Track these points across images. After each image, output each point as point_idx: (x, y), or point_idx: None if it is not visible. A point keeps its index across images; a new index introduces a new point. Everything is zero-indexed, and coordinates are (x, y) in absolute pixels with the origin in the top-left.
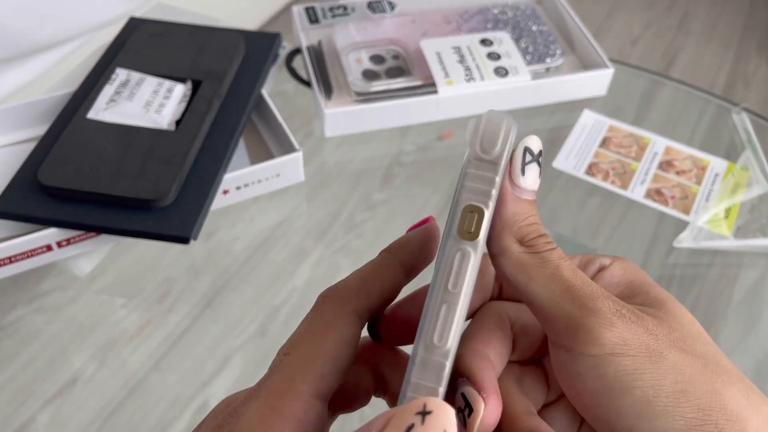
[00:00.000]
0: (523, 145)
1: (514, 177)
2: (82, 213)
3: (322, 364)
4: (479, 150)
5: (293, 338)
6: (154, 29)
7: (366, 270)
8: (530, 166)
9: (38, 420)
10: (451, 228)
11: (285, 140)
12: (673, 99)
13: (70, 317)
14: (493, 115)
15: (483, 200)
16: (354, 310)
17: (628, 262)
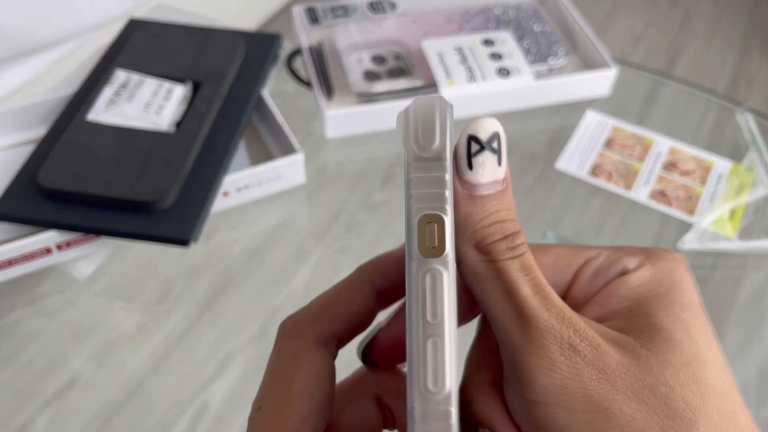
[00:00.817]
0: (465, 134)
1: (460, 173)
2: (81, 215)
3: (299, 407)
4: (417, 148)
5: (263, 386)
6: (154, 30)
7: (331, 292)
8: (480, 156)
9: (37, 422)
10: (411, 247)
11: (285, 141)
12: (676, 99)
13: (69, 319)
14: (421, 102)
15: (438, 206)
16: (317, 338)
17: (667, 264)
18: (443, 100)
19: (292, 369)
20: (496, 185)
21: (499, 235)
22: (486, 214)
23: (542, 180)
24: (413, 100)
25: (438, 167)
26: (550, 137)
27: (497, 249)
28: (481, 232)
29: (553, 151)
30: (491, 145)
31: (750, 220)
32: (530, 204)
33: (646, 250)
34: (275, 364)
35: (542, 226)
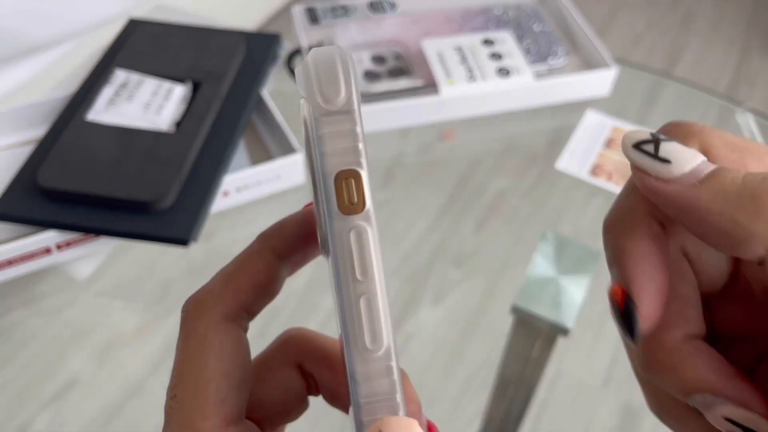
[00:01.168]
0: (628, 146)
1: (659, 176)
2: (81, 215)
3: (216, 389)
4: (322, 101)
5: (175, 372)
6: (154, 30)
7: (232, 265)
8: (664, 147)
9: (36, 423)
10: (329, 206)
11: (285, 141)
12: (676, 99)
13: (69, 319)
14: (319, 53)
15: (354, 160)
16: (225, 315)
17: None
18: (342, 50)
19: (202, 350)
20: (706, 165)
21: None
22: (737, 182)
23: (542, 180)
24: (310, 51)
25: (348, 120)
26: (550, 137)
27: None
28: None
29: (553, 151)
30: (661, 138)
31: None
32: (530, 204)
33: None
34: (184, 347)
35: (542, 226)
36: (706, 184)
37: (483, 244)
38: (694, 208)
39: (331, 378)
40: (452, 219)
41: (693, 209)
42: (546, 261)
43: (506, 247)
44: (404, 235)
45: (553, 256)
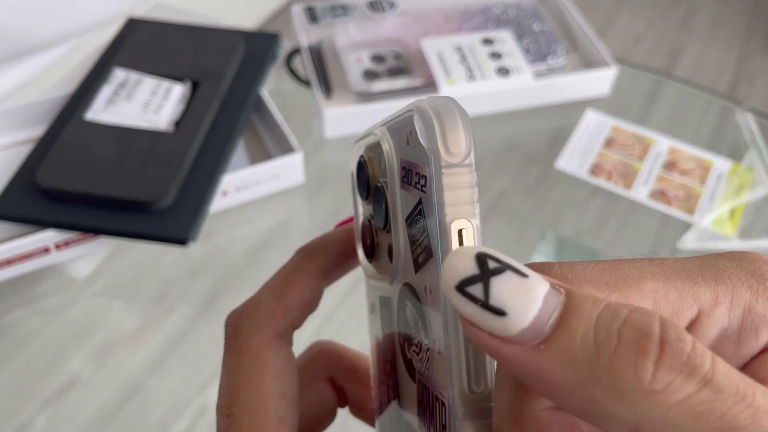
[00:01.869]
0: (449, 288)
1: (491, 330)
2: (80, 215)
3: (275, 409)
4: (445, 153)
5: (227, 391)
6: (153, 29)
7: (280, 281)
8: (494, 290)
9: (36, 422)
10: (443, 254)
11: (284, 141)
12: (676, 99)
13: (68, 319)
14: (438, 103)
15: (470, 212)
16: (275, 333)
17: None
18: (458, 102)
19: (258, 368)
20: (552, 302)
21: (648, 353)
22: (587, 345)
23: (542, 180)
24: (425, 100)
25: (468, 172)
26: (550, 137)
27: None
28: (616, 375)
29: (552, 150)
30: (489, 269)
31: (750, 220)
32: (530, 204)
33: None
34: (236, 364)
35: (542, 225)
36: (552, 346)
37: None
38: (539, 379)
39: (360, 392)
40: None
41: (538, 379)
42: (546, 260)
43: (506, 246)
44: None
45: (553, 256)
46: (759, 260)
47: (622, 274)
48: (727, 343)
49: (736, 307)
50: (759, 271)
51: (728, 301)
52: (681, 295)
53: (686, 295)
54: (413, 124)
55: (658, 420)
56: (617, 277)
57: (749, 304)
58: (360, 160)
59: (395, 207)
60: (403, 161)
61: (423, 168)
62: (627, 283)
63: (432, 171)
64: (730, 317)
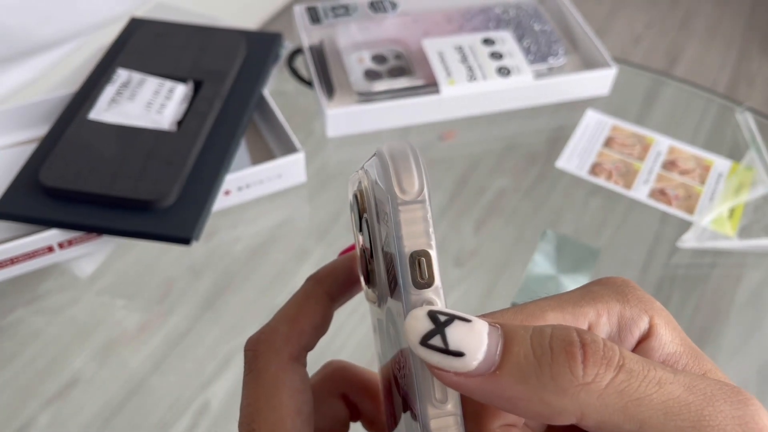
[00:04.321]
0: (414, 342)
1: (453, 369)
2: (83, 214)
3: (292, 425)
4: (400, 192)
5: (249, 410)
6: (156, 29)
7: (294, 309)
8: (450, 337)
9: (38, 420)
10: (405, 282)
11: (286, 140)
12: (676, 98)
13: (71, 318)
14: (395, 148)
15: (426, 243)
16: (291, 356)
17: (661, 309)
18: (412, 144)
19: (276, 389)
20: (494, 337)
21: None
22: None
23: (542, 179)
24: (384, 146)
25: (421, 208)
26: (550, 136)
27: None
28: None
29: (553, 150)
30: (441, 322)
31: (749, 219)
32: (530, 203)
33: (631, 295)
34: (256, 385)
35: (542, 225)
36: (504, 369)
37: (483, 242)
38: (501, 397)
39: (372, 407)
40: (452, 218)
41: (501, 398)
42: (546, 259)
43: (506, 245)
44: None
45: (553, 255)
46: (618, 281)
47: (529, 311)
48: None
49: (612, 316)
50: (620, 289)
51: (606, 314)
52: (574, 318)
53: (578, 316)
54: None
55: (595, 403)
56: (525, 315)
57: (621, 313)
58: (354, 193)
59: (375, 239)
60: (377, 199)
61: (386, 206)
62: (534, 317)
63: (389, 208)
64: (610, 325)
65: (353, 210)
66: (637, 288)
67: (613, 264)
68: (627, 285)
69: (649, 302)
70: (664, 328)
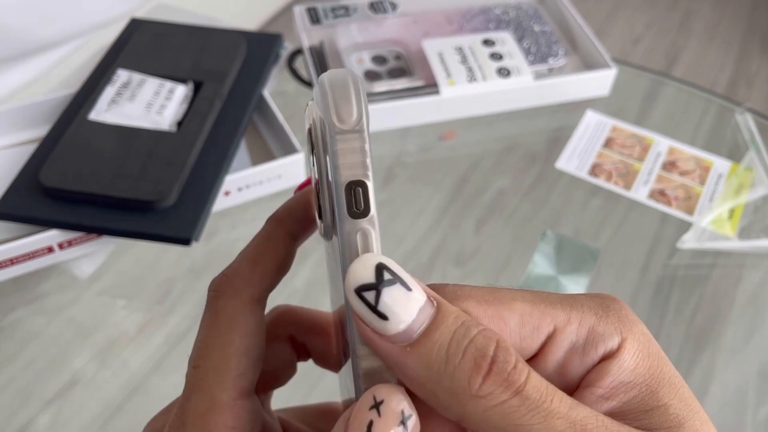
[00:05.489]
0: (350, 290)
1: (376, 330)
2: (83, 214)
3: (236, 365)
4: (338, 121)
5: (198, 345)
6: (156, 30)
7: (255, 249)
8: (383, 298)
9: (38, 421)
10: (340, 211)
11: (286, 141)
12: (676, 99)
13: (71, 318)
14: (334, 75)
15: (362, 173)
16: (252, 298)
17: (641, 335)
18: (354, 73)
19: (229, 328)
20: (424, 314)
21: (481, 369)
22: (440, 355)
23: (542, 180)
24: (325, 74)
25: (359, 138)
26: (550, 137)
27: (490, 392)
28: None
29: (552, 150)
30: (383, 280)
31: (749, 220)
32: (530, 203)
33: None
34: (211, 324)
35: (542, 225)
36: (415, 350)
37: (483, 243)
38: (401, 372)
39: (321, 344)
40: (452, 218)
41: (400, 372)
42: (546, 260)
43: (506, 246)
44: (405, 235)
45: (553, 255)
46: (608, 298)
47: (500, 295)
48: (574, 355)
49: (583, 327)
50: (605, 303)
51: (577, 322)
52: (542, 315)
53: (546, 315)
54: None
55: (478, 416)
56: (496, 297)
57: (593, 326)
58: (309, 127)
59: (321, 171)
60: (322, 130)
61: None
62: (502, 302)
63: (327, 137)
64: (578, 334)
65: (307, 143)
66: (625, 308)
67: (613, 265)
68: (614, 302)
69: (630, 324)
70: (631, 353)
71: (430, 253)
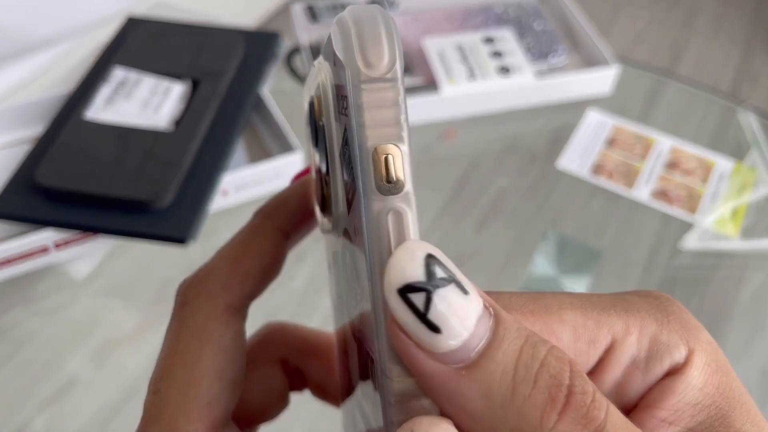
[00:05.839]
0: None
1: (422, 345)
2: (79, 214)
3: (206, 389)
4: (364, 66)
5: (160, 365)
6: (153, 28)
7: (237, 246)
8: (435, 305)
9: (35, 423)
10: (366, 184)
11: (284, 140)
12: (678, 98)
13: (67, 319)
14: (360, 11)
15: (396, 134)
16: (228, 305)
17: (708, 344)
18: (384, 10)
19: (198, 344)
20: (483, 326)
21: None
22: (506, 381)
23: (543, 179)
24: (347, 9)
25: (391, 88)
26: (551, 136)
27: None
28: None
29: (553, 150)
30: (436, 278)
31: (752, 220)
32: (531, 203)
33: (674, 317)
34: (176, 337)
35: (543, 225)
36: (472, 374)
37: (484, 243)
38: (450, 401)
39: (321, 370)
40: (453, 218)
41: (449, 401)
42: (547, 260)
43: (507, 246)
44: None
45: (554, 256)
46: (663, 297)
47: (544, 303)
48: (636, 371)
49: (644, 336)
50: (662, 306)
51: (637, 331)
52: (597, 325)
53: (602, 325)
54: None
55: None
56: (540, 306)
57: (655, 335)
58: (309, 101)
59: (332, 144)
60: (336, 87)
61: (346, 88)
62: (549, 312)
63: (349, 87)
64: (638, 346)
65: (308, 123)
66: (684, 310)
67: (615, 265)
68: (672, 303)
69: (695, 331)
70: (700, 368)
71: None
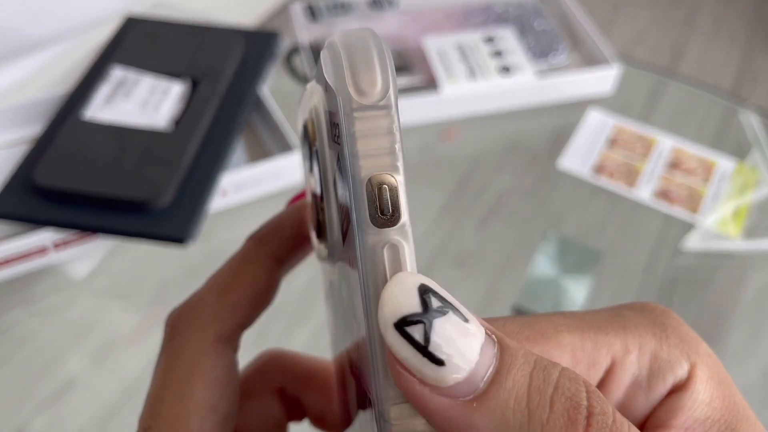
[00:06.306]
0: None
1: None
2: (78, 214)
3: (199, 425)
4: (356, 93)
5: (150, 400)
6: (152, 27)
7: (227, 274)
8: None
9: (33, 424)
10: (359, 217)
11: (284, 140)
12: (679, 97)
13: (66, 320)
14: (351, 36)
15: (390, 164)
16: (218, 336)
17: (708, 356)
18: (375, 33)
19: (189, 377)
20: (488, 354)
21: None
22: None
23: (543, 179)
24: (338, 33)
25: (385, 116)
26: (552, 136)
27: None
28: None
29: (554, 149)
30: (434, 308)
31: (754, 220)
32: (531, 203)
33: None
34: (166, 370)
35: (543, 225)
36: (484, 405)
37: (484, 243)
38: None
39: (320, 399)
40: (453, 218)
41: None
42: (547, 261)
43: (507, 246)
44: None
45: (555, 256)
46: (658, 310)
47: (540, 328)
48: (638, 390)
49: (644, 354)
50: (659, 320)
51: (637, 350)
52: (596, 346)
53: (600, 346)
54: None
55: None
56: (536, 331)
57: (655, 351)
58: (303, 124)
59: (326, 170)
60: (329, 114)
61: (337, 115)
62: (545, 337)
63: (341, 116)
64: (639, 365)
65: (303, 145)
66: (681, 322)
67: (616, 265)
68: (668, 316)
69: (694, 344)
70: (704, 382)
71: (431, 253)
